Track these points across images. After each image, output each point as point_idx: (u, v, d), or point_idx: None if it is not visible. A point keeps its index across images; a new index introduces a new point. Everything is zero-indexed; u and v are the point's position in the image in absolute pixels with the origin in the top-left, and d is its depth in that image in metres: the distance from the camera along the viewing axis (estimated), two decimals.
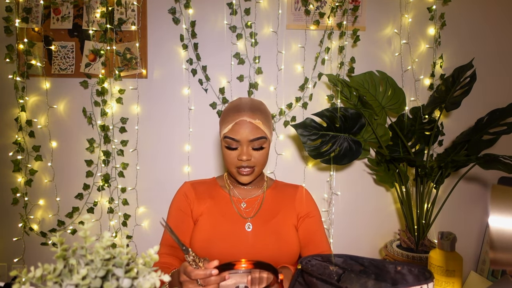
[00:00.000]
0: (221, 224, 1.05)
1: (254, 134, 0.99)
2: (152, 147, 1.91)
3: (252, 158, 1.01)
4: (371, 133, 1.74)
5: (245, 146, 1.00)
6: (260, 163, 1.03)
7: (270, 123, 1.06)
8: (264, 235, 1.04)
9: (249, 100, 1.06)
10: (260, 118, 1.01)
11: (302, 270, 0.78)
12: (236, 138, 0.99)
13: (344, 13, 1.84)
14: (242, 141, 0.99)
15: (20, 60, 1.83)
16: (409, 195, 1.71)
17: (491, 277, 1.77)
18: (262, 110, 1.04)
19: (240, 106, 1.02)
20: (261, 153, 1.02)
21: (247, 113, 1.00)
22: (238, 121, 0.99)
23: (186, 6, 1.83)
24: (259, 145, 1.01)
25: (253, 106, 1.02)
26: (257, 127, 1.00)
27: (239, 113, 1.00)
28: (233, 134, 0.99)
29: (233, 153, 1.02)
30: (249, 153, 1.01)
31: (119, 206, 1.90)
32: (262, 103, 1.08)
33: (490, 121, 1.59)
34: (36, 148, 1.85)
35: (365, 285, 0.72)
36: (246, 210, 1.09)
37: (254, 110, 1.01)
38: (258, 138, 1.00)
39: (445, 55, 1.90)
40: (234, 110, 1.01)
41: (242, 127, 0.99)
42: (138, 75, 1.87)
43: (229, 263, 0.83)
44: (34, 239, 1.90)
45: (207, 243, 1.02)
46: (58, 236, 0.48)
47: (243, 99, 1.06)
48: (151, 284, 0.46)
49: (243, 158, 0.99)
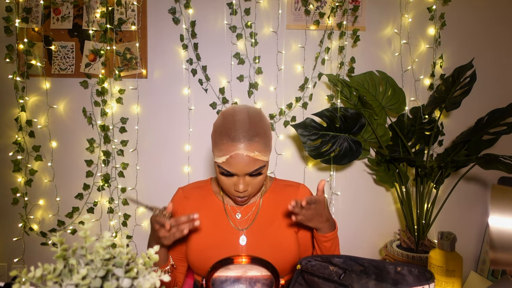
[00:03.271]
0: (214, 236, 1.01)
1: (251, 167, 0.91)
2: (152, 147, 1.91)
3: (249, 187, 0.95)
4: (371, 133, 1.74)
5: (242, 177, 0.93)
6: (258, 189, 0.98)
7: (269, 144, 0.95)
8: (260, 248, 1.00)
9: (246, 119, 0.92)
10: (258, 147, 0.90)
11: (302, 270, 0.78)
12: (231, 171, 0.91)
13: (344, 13, 1.84)
14: (238, 174, 0.92)
15: (20, 60, 1.83)
16: (409, 195, 1.71)
17: (491, 277, 1.77)
18: (261, 134, 0.92)
19: (235, 134, 0.89)
20: (259, 179, 0.95)
21: (244, 144, 0.89)
22: (233, 154, 0.89)
23: (186, 6, 1.83)
24: (257, 173, 0.94)
25: (250, 132, 0.90)
26: (255, 159, 0.91)
27: (235, 144, 0.89)
28: (228, 167, 0.91)
29: (229, 180, 0.94)
30: (246, 183, 0.94)
31: (119, 206, 1.90)
32: (260, 118, 0.95)
33: (490, 121, 1.59)
34: (36, 148, 1.85)
35: (366, 285, 0.72)
36: (241, 220, 1.04)
37: (252, 138, 0.90)
38: (256, 170, 0.92)
39: (445, 55, 1.90)
40: (228, 137, 0.90)
41: (238, 161, 0.89)
42: (138, 75, 1.87)
43: (228, 258, 0.82)
44: (34, 239, 1.90)
45: (201, 255, 1.00)
46: (58, 236, 0.48)
47: (237, 117, 0.92)
48: (151, 284, 0.46)
49: (240, 189, 0.93)
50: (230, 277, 0.83)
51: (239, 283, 0.82)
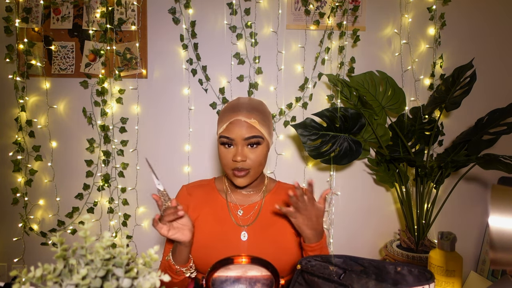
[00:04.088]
0: (216, 231, 1.03)
1: (248, 133, 0.98)
2: (152, 147, 1.91)
3: (247, 159, 0.99)
4: (371, 133, 1.74)
5: (240, 146, 0.98)
6: (256, 165, 1.01)
7: (269, 124, 1.03)
8: (261, 245, 1.02)
9: (248, 99, 1.04)
10: (256, 117, 0.99)
11: (302, 270, 0.78)
12: (230, 136, 0.98)
13: (344, 13, 1.84)
14: (236, 139, 0.98)
15: (20, 60, 1.83)
16: (409, 195, 1.71)
17: (491, 277, 1.77)
18: (260, 110, 1.02)
19: (237, 106, 1.01)
20: (257, 153, 1.00)
21: (243, 113, 0.98)
22: (233, 120, 0.98)
23: (186, 6, 1.83)
24: (254, 141, 0.99)
25: (250, 105, 1.01)
26: (252, 126, 0.98)
27: (235, 113, 0.99)
28: (227, 133, 0.98)
29: (228, 153, 1.00)
30: (244, 154, 0.98)
31: (119, 206, 1.90)
32: (261, 103, 1.06)
33: (490, 121, 1.59)
34: (36, 148, 1.85)
35: (366, 285, 0.72)
36: (243, 218, 1.06)
37: (251, 109, 1.00)
38: (253, 136, 0.98)
39: (445, 55, 1.90)
40: (230, 110, 1.00)
41: (236, 126, 0.97)
42: (138, 75, 1.87)
43: (228, 258, 0.82)
44: (34, 239, 1.90)
45: (203, 250, 1.01)
46: (58, 236, 0.48)
47: (241, 98, 1.05)
48: (151, 284, 0.46)
49: (238, 159, 0.97)
50: (230, 277, 0.83)
51: (239, 283, 0.82)
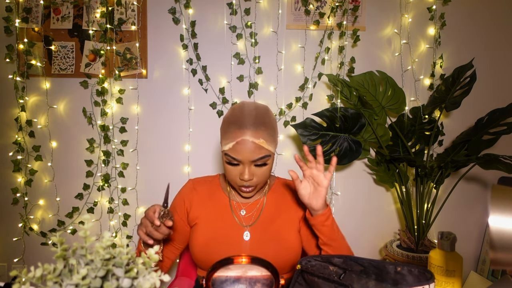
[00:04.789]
0: (219, 230, 1.04)
1: (257, 154, 0.94)
2: (152, 147, 1.91)
3: (254, 177, 0.97)
4: (371, 133, 1.74)
5: (247, 166, 0.96)
6: (263, 180, 1.00)
7: (275, 136, 1.00)
8: (264, 243, 1.02)
9: (253, 111, 0.98)
10: (264, 135, 0.95)
11: (302, 270, 0.78)
12: (237, 158, 0.94)
13: (344, 13, 1.84)
14: (243, 161, 0.95)
15: (20, 60, 1.83)
16: (409, 195, 1.71)
17: (491, 277, 1.77)
18: (267, 124, 0.97)
19: (243, 122, 0.95)
20: (264, 169, 0.98)
21: (250, 131, 0.93)
22: (239, 140, 0.93)
23: (186, 6, 1.83)
24: (262, 162, 0.96)
25: (257, 121, 0.95)
26: (261, 147, 0.94)
27: (241, 131, 0.94)
28: (234, 153, 0.94)
29: (235, 170, 0.97)
30: (251, 172, 0.96)
31: (119, 206, 1.90)
32: (266, 112, 1.00)
33: (490, 121, 1.59)
34: (36, 148, 1.85)
35: (366, 285, 0.72)
36: (246, 217, 1.07)
37: (258, 126, 0.94)
38: (261, 157, 0.95)
39: (445, 55, 1.90)
40: (236, 125, 0.95)
41: (244, 147, 0.93)
42: (138, 75, 1.87)
43: (228, 258, 0.83)
44: (34, 239, 1.90)
45: (205, 248, 1.02)
46: (58, 236, 0.48)
47: (245, 108, 0.98)
48: (151, 284, 0.46)
49: (245, 178, 0.95)
50: (230, 277, 0.83)
51: (239, 283, 0.83)
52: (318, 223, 0.96)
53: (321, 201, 0.94)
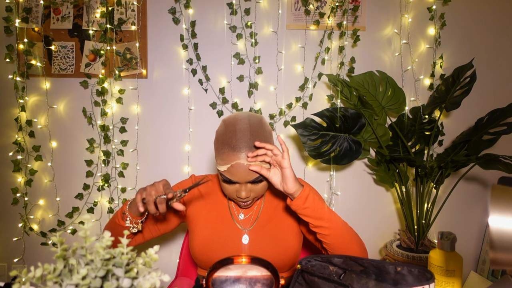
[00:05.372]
0: (218, 232, 1.04)
1: (252, 176, 0.93)
2: (152, 147, 1.91)
3: (251, 193, 0.97)
4: (371, 133, 1.74)
5: (244, 185, 0.95)
6: (260, 194, 0.99)
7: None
8: (262, 245, 1.02)
9: (247, 129, 0.93)
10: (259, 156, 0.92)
11: (302, 270, 0.78)
12: (233, 179, 0.94)
13: (344, 13, 1.84)
14: (240, 181, 0.94)
15: (20, 60, 1.83)
16: (409, 195, 1.71)
17: (491, 277, 1.77)
18: (262, 138, 0.94)
19: (236, 144, 0.91)
20: (261, 185, 0.97)
21: (245, 154, 0.91)
22: (234, 164, 0.91)
23: (186, 6, 1.83)
24: (258, 180, 0.95)
25: (251, 141, 0.92)
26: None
27: (235, 154, 0.91)
28: (229, 175, 0.93)
29: (231, 187, 0.96)
30: (248, 190, 0.96)
31: (119, 206, 1.90)
32: (260, 125, 0.96)
33: (490, 121, 1.59)
34: (36, 148, 1.85)
35: (366, 285, 0.72)
36: (244, 220, 1.06)
37: (252, 147, 0.92)
38: (257, 178, 0.94)
39: (445, 55, 1.90)
40: (229, 147, 0.92)
41: (239, 171, 0.92)
42: (138, 75, 1.87)
43: (228, 258, 0.83)
44: (34, 239, 1.90)
45: (205, 249, 1.02)
46: (58, 236, 0.48)
47: (238, 126, 0.94)
48: (151, 284, 0.46)
49: (242, 195, 0.95)
50: (230, 277, 0.83)
51: (239, 283, 0.83)
52: (299, 208, 0.93)
53: (291, 183, 0.91)
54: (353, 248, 0.96)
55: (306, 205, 0.92)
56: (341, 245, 0.95)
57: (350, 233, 0.97)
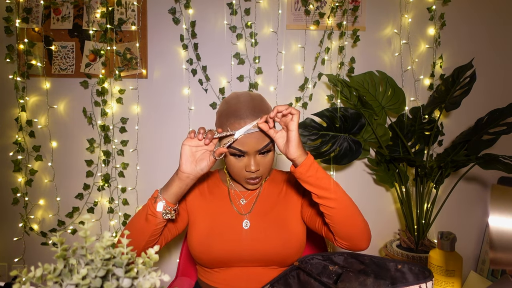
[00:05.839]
0: (218, 220, 1.04)
1: (262, 142, 0.93)
2: (152, 147, 1.91)
3: (260, 167, 0.96)
4: (371, 133, 1.74)
5: (253, 156, 0.94)
6: (268, 170, 1.00)
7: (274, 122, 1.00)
8: (264, 230, 1.01)
9: (249, 99, 0.97)
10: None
11: (298, 267, 0.78)
12: (243, 149, 0.93)
13: (344, 13, 1.84)
14: (249, 151, 0.93)
15: (20, 60, 1.83)
16: (409, 195, 1.71)
17: (491, 277, 1.77)
18: (265, 111, 0.96)
19: (242, 113, 0.93)
20: (269, 157, 0.97)
21: (251, 120, 0.92)
22: None
23: (186, 6, 1.83)
24: (267, 149, 0.95)
25: (256, 109, 0.94)
26: (264, 135, 0.93)
27: (243, 121, 0.92)
28: (239, 145, 0.92)
29: (239, 162, 0.96)
30: (257, 163, 0.95)
31: (119, 206, 1.90)
32: (261, 99, 1.00)
33: (490, 121, 1.59)
34: (36, 148, 1.85)
35: (364, 283, 0.72)
36: (245, 205, 1.06)
37: (258, 114, 0.93)
38: (266, 145, 0.94)
39: (445, 55, 1.90)
40: (235, 116, 0.93)
41: (248, 138, 0.92)
42: (138, 75, 1.87)
43: None
44: (34, 239, 1.90)
45: (205, 239, 1.01)
46: (58, 236, 0.48)
47: (241, 98, 0.97)
48: (151, 284, 0.46)
49: (252, 169, 0.94)
50: None
51: None
52: (302, 175, 0.88)
53: (294, 147, 0.86)
54: (358, 224, 0.91)
55: (309, 173, 0.88)
56: (346, 219, 0.90)
57: (355, 208, 0.93)
